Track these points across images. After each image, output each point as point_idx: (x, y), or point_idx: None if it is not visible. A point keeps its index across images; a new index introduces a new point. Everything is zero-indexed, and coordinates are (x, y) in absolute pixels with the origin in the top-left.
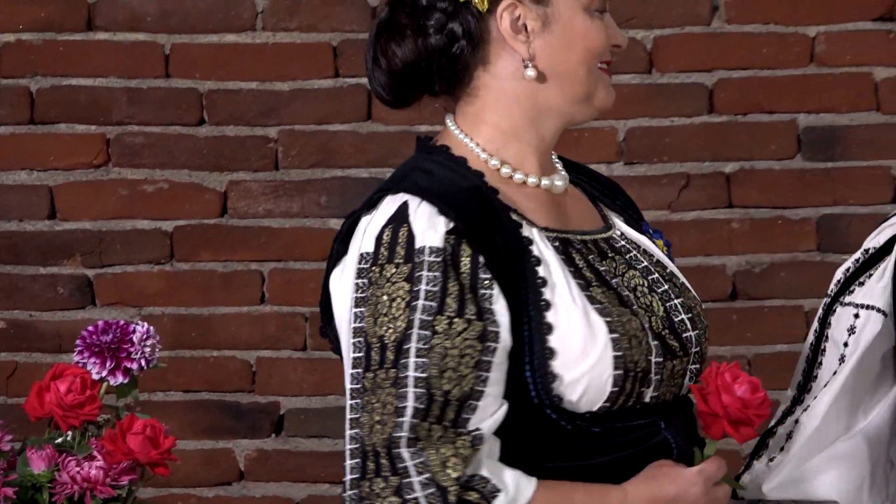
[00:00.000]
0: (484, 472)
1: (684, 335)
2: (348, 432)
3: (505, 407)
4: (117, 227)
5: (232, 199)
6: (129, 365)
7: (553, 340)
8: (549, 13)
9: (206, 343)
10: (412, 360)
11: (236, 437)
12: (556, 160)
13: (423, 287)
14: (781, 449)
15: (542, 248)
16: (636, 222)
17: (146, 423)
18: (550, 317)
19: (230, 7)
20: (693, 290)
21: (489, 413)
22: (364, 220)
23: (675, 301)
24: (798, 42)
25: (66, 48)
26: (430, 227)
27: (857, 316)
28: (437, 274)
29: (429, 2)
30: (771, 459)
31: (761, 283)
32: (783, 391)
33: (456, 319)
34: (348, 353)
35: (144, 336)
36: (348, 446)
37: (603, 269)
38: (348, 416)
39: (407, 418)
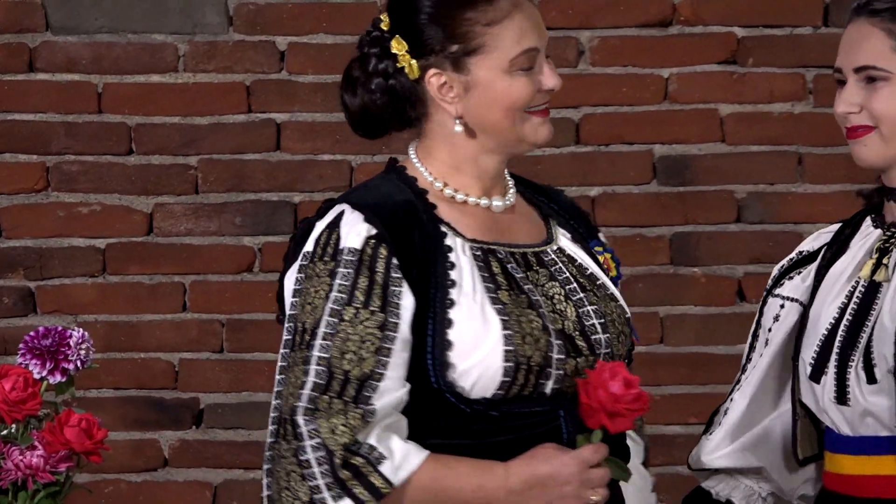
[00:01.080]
0: (372, 441)
1: (593, 337)
2: (273, 402)
3: (406, 389)
4: (56, 244)
5: (157, 219)
6: (66, 366)
7: (451, 334)
8: (469, 80)
9: (134, 346)
10: (318, 342)
11: (161, 429)
12: (511, 183)
13: (337, 281)
14: (720, 424)
15: (461, 255)
16: (583, 239)
17: (81, 416)
18: (452, 313)
19: (155, 51)
20: (620, 300)
21: (388, 393)
22: (317, 225)
23: (589, 308)
24: (653, 82)
25: (10, 87)
26: (354, 232)
27: (782, 306)
28: (350, 271)
29: (374, 65)
30: (712, 433)
31: (622, 292)
32: (648, 386)
33: (361, 310)
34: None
35: (80, 340)
36: (271, 414)
37: (519, 276)
38: (275, 389)
39: (306, 391)
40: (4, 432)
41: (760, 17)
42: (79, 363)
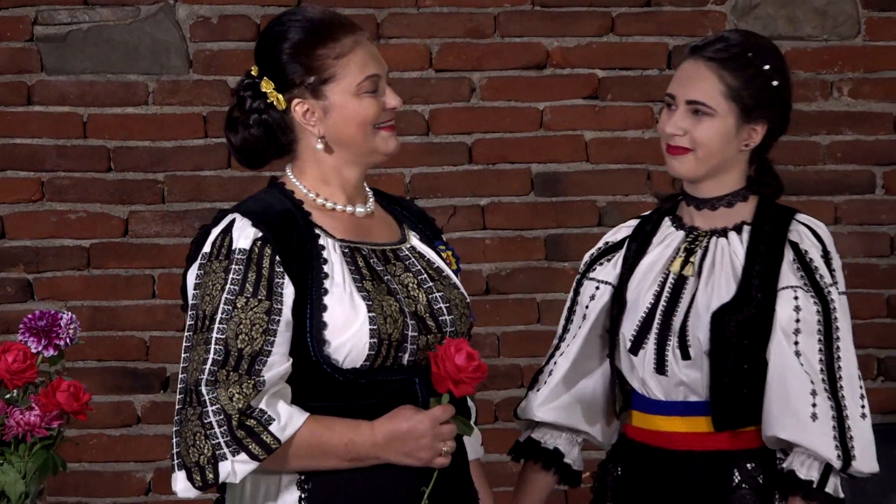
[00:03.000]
0: (262, 406)
1: (440, 318)
2: (180, 375)
3: (289, 362)
4: (49, 244)
5: (132, 224)
6: (57, 342)
7: (326, 316)
8: (327, 104)
9: (113, 326)
10: (216, 325)
11: (135, 393)
12: (370, 193)
13: (231, 276)
14: (545, 383)
15: (332, 252)
16: (430, 240)
17: (70, 383)
18: (326, 300)
19: (129, 88)
20: (461, 288)
21: (275, 366)
22: (212, 232)
23: (437, 294)
24: (531, 113)
25: (12, 117)
26: (243, 235)
27: (597, 288)
28: (241, 267)
29: (248, 104)
30: (538, 390)
31: (506, 283)
32: (525, 357)
33: (251, 299)
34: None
35: (69, 322)
36: (179, 385)
37: (380, 269)
38: (181, 365)
39: (208, 366)
40: (7, 396)
41: (616, 62)
42: (68, 340)
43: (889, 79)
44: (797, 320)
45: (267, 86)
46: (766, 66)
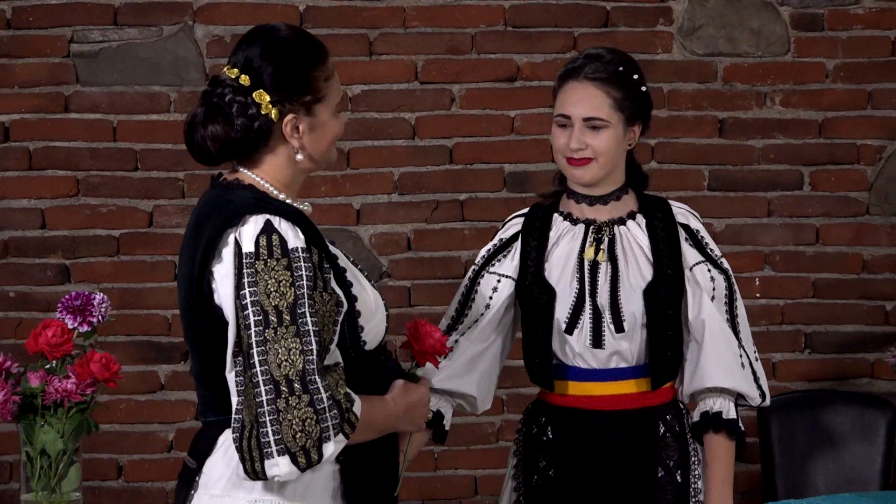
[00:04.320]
0: (347, 389)
1: None
2: (258, 368)
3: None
4: (84, 234)
5: (156, 216)
6: (91, 319)
7: (358, 305)
8: (314, 122)
9: (139, 306)
10: (307, 318)
11: (159, 363)
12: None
13: (300, 273)
14: (448, 358)
15: (335, 250)
16: None
17: (102, 355)
18: (355, 291)
19: (153, 98)
20: None
21: (334, 353)
22: (229, 232)
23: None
24: (503, 120)
25: (51, 123)
26: (294, 235)
27: (499, 281)
28: (308, 264)
29: (237, 108)
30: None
31: None
32: None
33: (324, 294)
34: (236, 321)
35: (101, 302)
36: (260, 378)
37: (360, 266)
38: (256, 358)
39: (313, 357)
40: (47, 366)
41: None
42: (100, 318)
43: (814, 90)
44: (713, 288)
45: (261, 98)
46: (636, 76)
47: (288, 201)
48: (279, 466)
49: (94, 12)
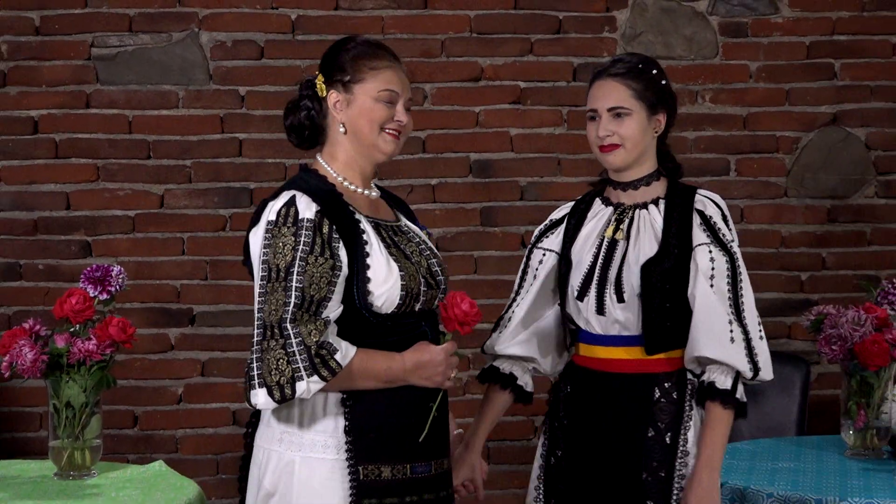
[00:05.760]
0: (330, 339)
1: (437, 277)
2: (257, 315)
3: (341, 307)
4: (104, 214)
5: (167, 198)
6: (110, 289)
7: (370, 273)
8: (350, 98)
9: (152, 276)
10: (294, 276)
11: (169, 327)
12: (374, 183)
13: (302, 239)
14: (506, 326)
15: (366, 225)
16: (413, 221)
17: (119, 320)
18: (369, 261)
19: (164, 96)
20: (440, 257)
21: (333, 310)
22: (270, 203)
23: (433, 260)
24: (469, 115)
25: (75, 118)
26: (307, 208)
27: (544, 255)
28: (310, 232)
29: (302, 99)
30: (500, 332)
31: (451, 243)
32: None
33: (319, 258)
34: (258, 275)
35: (118, 273)
36: (256, 322)
37: (397, 239)
38: (258, 306)
39: (290, 308)
40: (71, 330)
41: (534, 76)
42: (118, 287)
43: (739, 89)
44: (713, 268)
45: (319, 79)
46: (654, 72)
47: (346, 183)
48: (258, 397)
49: (113, 20)
